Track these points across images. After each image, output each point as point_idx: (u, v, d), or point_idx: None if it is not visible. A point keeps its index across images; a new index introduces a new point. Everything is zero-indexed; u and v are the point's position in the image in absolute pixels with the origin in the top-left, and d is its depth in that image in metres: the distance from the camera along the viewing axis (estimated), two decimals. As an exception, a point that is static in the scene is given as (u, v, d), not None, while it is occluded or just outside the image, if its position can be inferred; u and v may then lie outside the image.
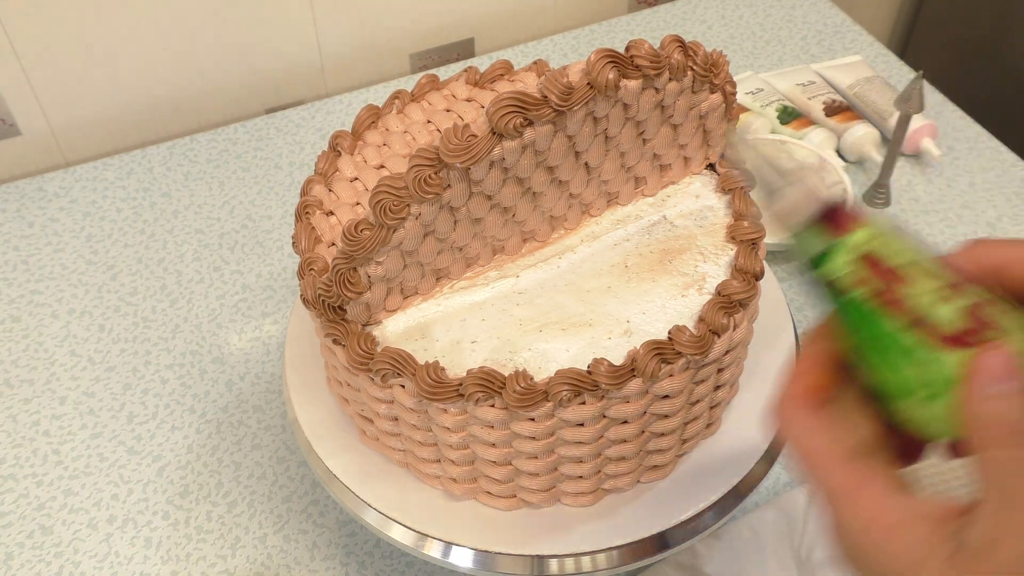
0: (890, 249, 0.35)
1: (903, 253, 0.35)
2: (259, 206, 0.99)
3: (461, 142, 0.52)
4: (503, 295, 0.61)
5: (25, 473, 0.77)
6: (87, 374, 0.84)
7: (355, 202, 0.64)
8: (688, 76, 0.59)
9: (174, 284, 0.92)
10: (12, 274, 0.93)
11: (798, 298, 0.89)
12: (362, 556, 0.72)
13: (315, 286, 0.57)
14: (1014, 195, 0.99)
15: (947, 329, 0.34)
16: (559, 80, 0.53)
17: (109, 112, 1.07)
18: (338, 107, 1.11)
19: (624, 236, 0.64)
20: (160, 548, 0.72)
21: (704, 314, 0.57)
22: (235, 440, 0.79)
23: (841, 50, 1.17)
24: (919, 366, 0.34)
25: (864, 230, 0.36)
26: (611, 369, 0.54)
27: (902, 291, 0.35)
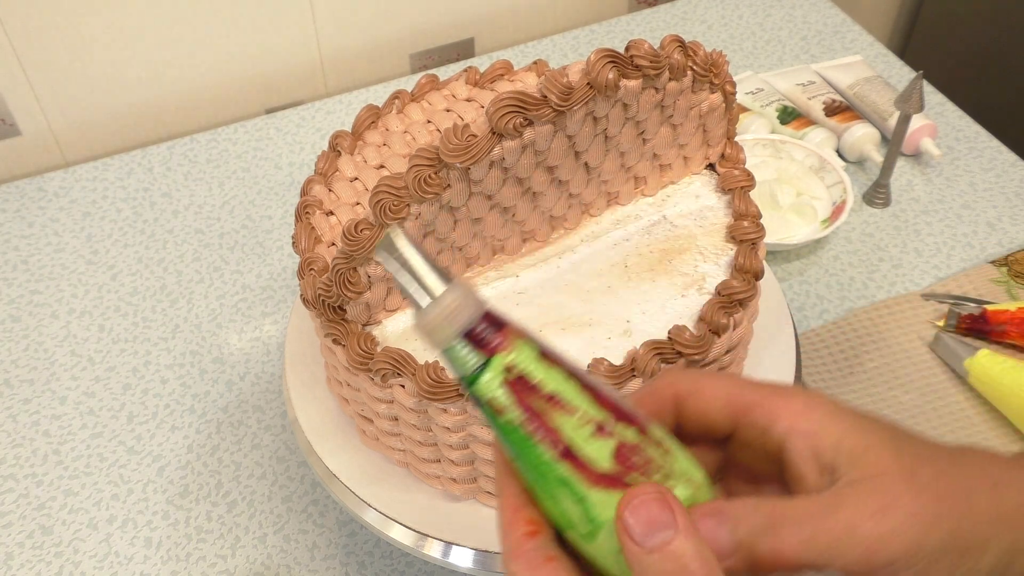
0: (544, 373, 0.33)
1: (557, 378, 0.33)
2: (259, 206, 0.99)
3: (461, 142, 0.52)
4: (503, 295, 0.61)
5: (25, 473, 0.77)
6: (87, 374, 0.84)
7: (355, 202, 0.64)
8: (688, 76, 0.59)
9: (174, 284, 0.92)
10: (12, 274, 0.93)
11: (798, 298, 0.89)
12: (362, 556, 0.72)
13: (315, 286, 0.57)
14: (1014, 195, 0.99)
15: (596, 467, 0.33)
16: (559, 80, 0.53)
17: (109, 112, 1.07)
18: (338, 107, 1.11)
19: (624, 236, 0.64)
20: (160, 548, 0.72)
21: (704, 314, 0.57)
22: (235, 440, 0.79)
23: (841, 50, 1.17)
24: (573, 500, 0.33)
25: (516, 351, 0.33)
26: (611, 369, 0.54)
27: (555, 419, 0.33)
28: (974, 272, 0.90)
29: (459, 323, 0.33)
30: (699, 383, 0.38)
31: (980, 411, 0.78)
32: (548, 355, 0.34)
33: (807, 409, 0.35)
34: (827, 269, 0.92)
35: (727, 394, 0.37)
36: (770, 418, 0.36)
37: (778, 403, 0.36)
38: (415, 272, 0.33)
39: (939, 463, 0.34)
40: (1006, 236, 0.94)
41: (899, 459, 0.34)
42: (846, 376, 0.81)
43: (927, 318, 0.86)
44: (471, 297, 0.33)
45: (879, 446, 0.34)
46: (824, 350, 0.83)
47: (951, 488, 0.34)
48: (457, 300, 0.32)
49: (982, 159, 1.03)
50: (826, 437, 0.35)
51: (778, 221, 0.92)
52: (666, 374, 0.39)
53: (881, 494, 0.33)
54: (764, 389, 0.37)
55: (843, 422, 0.35)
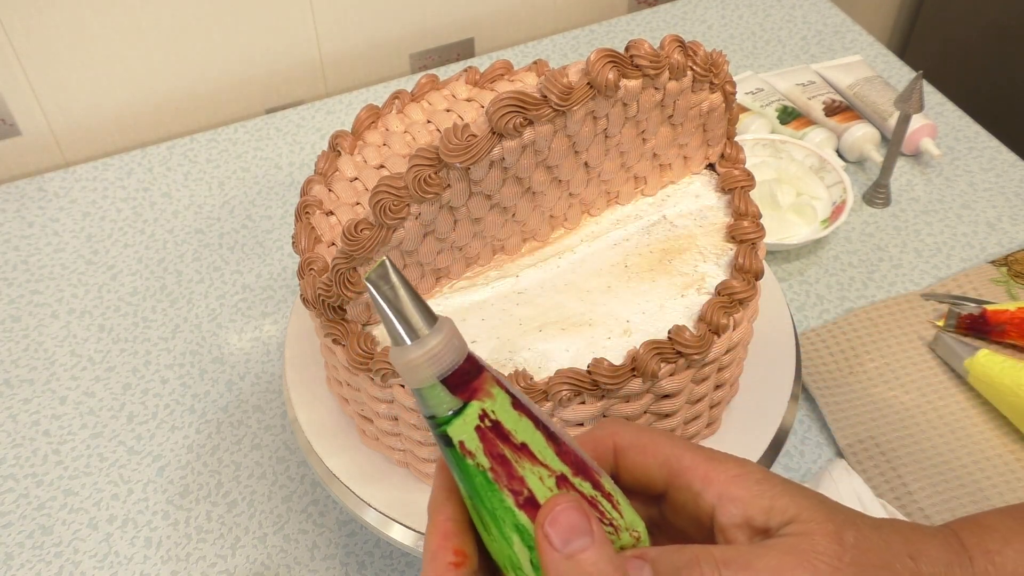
0: (516, 423, 0.34)
1: (527, 429, 0.34)
2: (259, 206, 0.99)
3: (461, 142, 0.52)
4: (503, 295, 0.61)
5: (25, 473, 0.77)
6: (87, 374, 0.84)
7: (355, 202, 0.64)
8: (688, 76, 0.59)
9: (174, 284, 0.92)
10: (12, 274, 0.93)
11: (798, 298, 0.89)
12: (362, 556, 0.72)
13: (315, 286, 0.57)
14: (1014, 195, 0.99)
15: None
16: (559, 80, 0.53)
17: (109, 112, 1.07)
18: (338, 107, 1.11)
19: (624, 236, 0.64)
20: (160, 548, 0.72)
21: (704, 314, 0.57)
22: (235, 440, 0.79)
23: (841, 50, 1.17)
24: (525, 546, 0.34)
25: (492, 399, 0.34)
26: (611, 369, 0.54)
27: (522, 469, 0.34)
28: (974, 272, 0.90)
29: (441, 366, 0.33)
30: (640, 438, 0.39)
31: (980, 411, 0.79)
32: (519, 404, 0.34)
33: (740, 476, 0.37)
34: (827, 269, 0.92)
35: (665, 454, 0.38)
36: (703, 483, 0.37)
37: (712, 468, 0.37)
38: (402, 308, 0.33)
39: (863, 529, 0.36)
40: (1006, 236, 0.94)
41: (829, 520, 0.35)
42: (846, 376, 0.81)
43: (927, 318, 0.86)
44: (455, 340, 0.33)
45: (810, 509, 0.36)
46: (824, 350, 0.83)
47: (873, 553, 0.35)
48: (442, 343, 0.33)
49: (982, 159, 1.03)
50: (758, 502, 0.36)
51: (778, 221, 0.92)
52: (607, 424, 0.40)
53: (808, 548, 0.34)
54: (700, 454, 0.38)
55: (774, 488, 0.36)
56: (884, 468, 0.74)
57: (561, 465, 0.34)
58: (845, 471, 0.72)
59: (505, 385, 0.34)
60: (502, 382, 0.34)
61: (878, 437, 0.76)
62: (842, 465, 0.72)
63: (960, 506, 0.72)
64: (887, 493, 0.73)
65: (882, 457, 0.75)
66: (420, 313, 0.33)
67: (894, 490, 0.73)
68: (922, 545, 0.37)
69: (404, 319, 0.33)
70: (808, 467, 0.76)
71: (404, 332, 0.33)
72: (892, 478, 0.74)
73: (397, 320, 0.33)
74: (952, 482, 0.73)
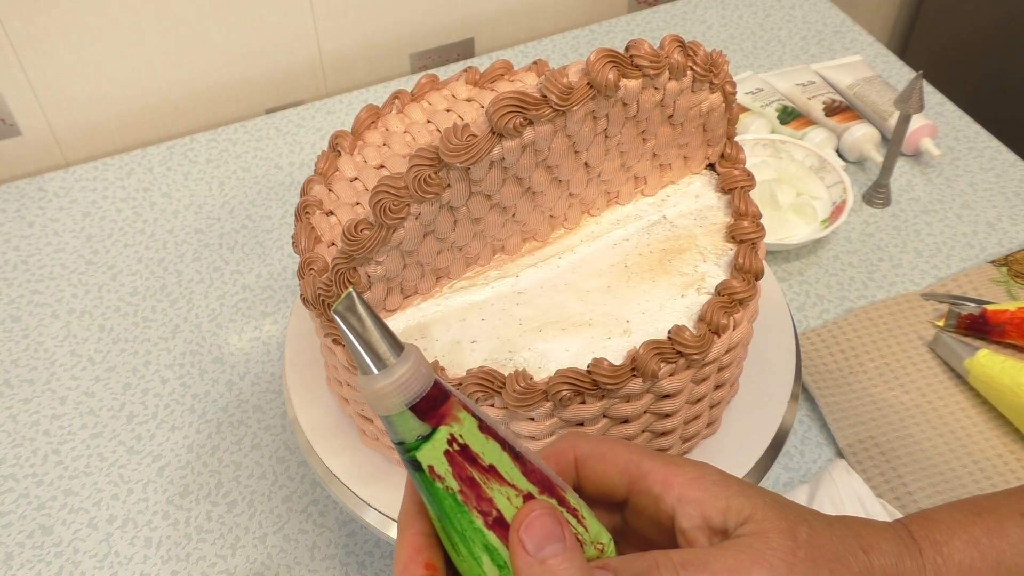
0: (483, 445, 0.35)
1: (494, 451, 0.35)
2: (259, 206, 1.00)
3: (461, 142, 0.52)
4: (503, 295, 0.61)
5: (25, 473, 0.77)
6: (87, 374, 0.84)
7: (355, 202, 0.64)
8: (688, 76, 0.59)
9: (174, 284, 0.92)
10: (12, 274, 0.93)
11: (798, 298, 0.89)
12: (362, 556, 0.72)
13: (315, 286, 0.57)
14: (1014, 195, 0.99)
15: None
16: (559, 80, 0.53)
17: (109, 112, 1.07)
18: (338, 107, 1.11)
19: (624, 236, 0.64)
20: (160, 548, 0.72)
21: (704, 314, 0.57)
22: (235, 440, 0.79)
23: (841, 50, 1.17)
24: (494, 565, 0.35)
25: (460, 423, 0.34)
26: (611, 369, 0.54)
27: (490, 490, 0.35)
28: (974, 272, 0.90)
29: (409, 394, 0.34)
30: (599, 448, 0.40)
31: (980, 411, 0.79)
32: (486, 427, 0.35)
33: (697, 478, 0.38)
34: (827, 269, 0.92)
35: (624, 461, 0.39)
36: (663, 486, 0.38)
37: (671, 472, 0.38)
38: (369, 339, 0.33)
39: (816, 525, 0.37)
40: (1006, 236, 0.94)
41: (782, 518, 0.37)
42: (846, 376, 0.81)
43: (927, 318, 0.86)
44: (421, 368, 0.34)
45: (764, 507, 0.37)
46: (824, 350, 0.83)
47: (825, 547, 0.37)
48: (409, 372, 0.33)
49: (982, 159, 1.03)
50: (715, 503, 0.37)
51: (778, 221, 0.92)
52: (567, 437, 0.41)
53: (763, 547, 0.36)
54: (659, 459, 0.39)
55: (729, 488, 0.38)
56: (884, 468, 0.74)
57: (527, 484, 0.35)
58: (845, 471, 0.72)
59: (471, 408, 0.35)
60: (468, 405, 0.35)
61: (878, 437, 0.76)
62: (842, 465, 0.72)
63: (960, 506, 0.72)
64: (887, 493, 0.73)
65: (882, 457, 0.75)
66: (387, 343, 0.33)
67: (894, 490, 0.73)
68: (873, 539, 0.38)
69: (371, 349, 0.33)
70: (808, 467, 0.76)
71: (371, 362, 0.33)
72: (892, 478, 0.74)
73: (364, 351, 0.33)
74: (952, 482, 0.73)
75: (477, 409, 0.36)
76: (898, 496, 0.73)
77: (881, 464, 0.75)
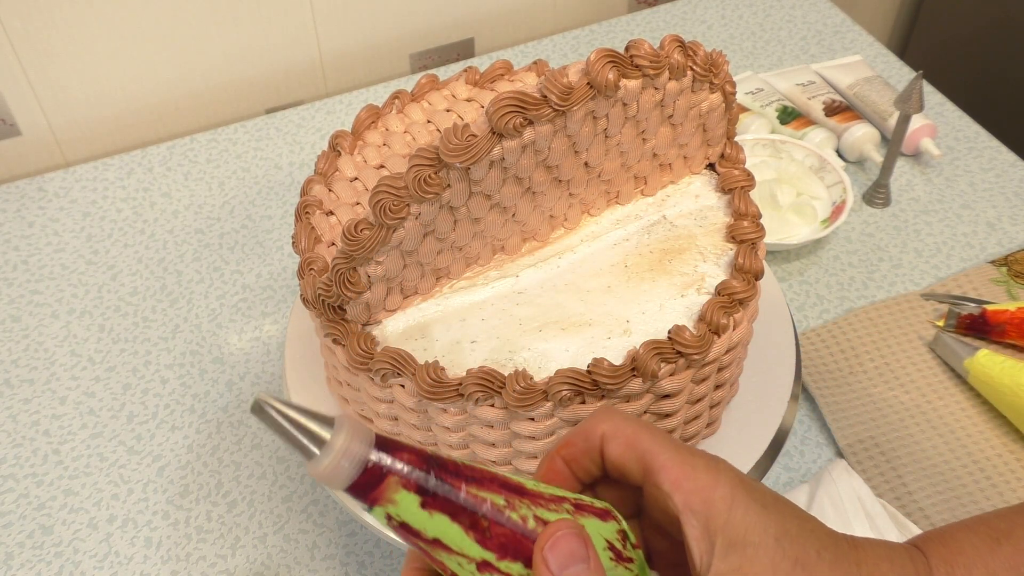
0: (424, 522, 0.35)
1: (439, 525, 0.35)
2: (259, 206, 1.00)
3: (461, 142, 0.52)
4: (503, 295, 0.61)
5: (25, 473, 0.77)
6: (87, 374, 0.84)
7: (355, 202, 0.64)
8: (688, 76, 0.59)
9: (174, 284, 0.92)
10: (12, 274, 0.93)
11: (798, 298, 0.89)
12: (362, 556, 0.72)
13: (315, 286, 0.57)
14: (1014, 195, 0.99)
15: None
16: (559, 80, 0.53)
17: (109, 112, 1.07)
18: (338, 107, 1.11)
19: (624, 236, 0.64)
20: (160, 548, 0.72)
21: (704, 314, 0.57)
22: (235, 440, 0.79)
23: (841, 50, 1.17)
24: None
25: (393, 504, 0.35)
26: (611, 369, 0.54)
27: (440, 557, 0.36)
28: (974, 272, 0.90)
29: (338, 483, 0.34)
30: (623, 429, 0.39)
31: (980, 411, 0.79)
32: (432, 501, 0.35)
33: (708, 487, 0.37)
34: (827, 269, 0.92)
35: (643, 449, 0.38)
36: (672, 487, 0.37)
37: (683, 474, 0.37)
38: (291, 436, 0.34)
39: (816, 570, 0.36)
40: (1006, 236, 0.94)
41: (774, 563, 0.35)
42: (846, 376, 0.81)
43: (927, 318, 0.86)
44: (343, 462, 0.34)
45: (758, 546, 0.36)
46: (824, 350, 0.83)
47: None
48: (330, 466, 0.34)
49: (982, 159, 1.03)
50: (715, 520, 0.36)
51: (778, 221, 0.92)
52: (598, 413, 0.40)
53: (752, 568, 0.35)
54: (677, 456, 0.38)
55: (735, 511, 0.36)
56: (884, 468, 0.74)
57: (482, 552, 0.35)
58: (845, 471, 0.72)
59: (417, 482, 0.35)
60: (412, 479, 0.35)
61: (878, 437, 0.76)
62: (842, 465, 0.72)
63: (960, 505, 0.72)
64: (887, 493, 0.73)
65: (882, 457, 0.75)
66: (305, 439, 0.34)
67: (894, 490, 0.73)
68: (880, 570, 0.37)
69: (295, 446, 0.34)
70: (808, 467, 0.76)
71: (304, 452, 0.34)
72: (892, 478, 0.74)
73: (292, 443, 0.34)
74: (952, 482, 0.73)
75: (426, 478, 0.35)
76: (898, 496, 0.73)
77: (881, 464, 0.75)
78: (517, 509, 0.36)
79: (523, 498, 0.36)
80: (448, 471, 0.36)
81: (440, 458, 0.36)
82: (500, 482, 0.36)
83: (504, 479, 0.36)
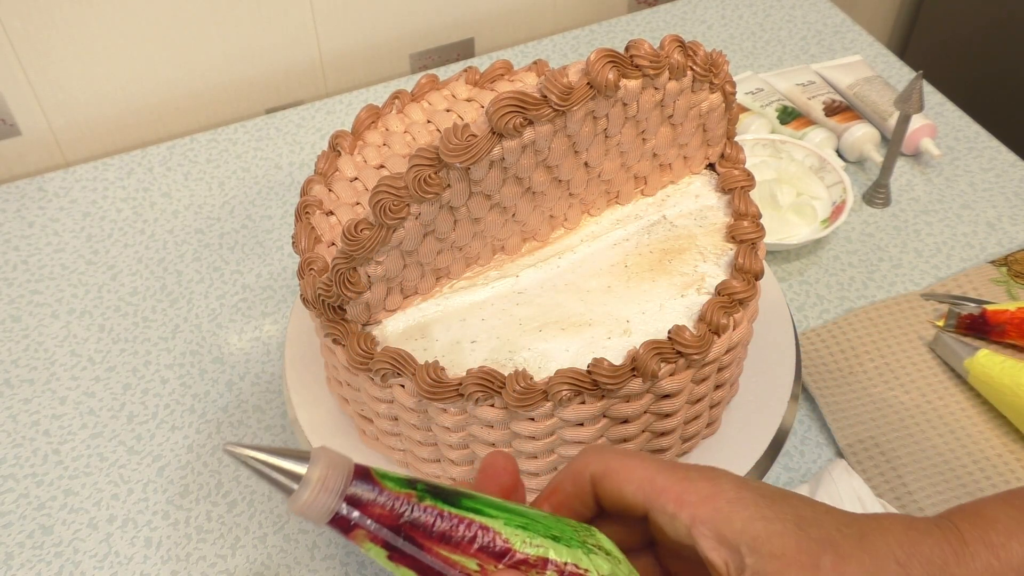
0: (392, 569, 0.35)
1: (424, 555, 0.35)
2: (259, 206, 1.00)
3: (461, 142, 0.52)
4: (503, 295, 0.61)
5: (25, 473, 0.77)
6: (87, 374, 0.84)
7: (355, 202, 0.64)
8: (688, 76, 0.59)
9: (174, 284, 0.92)
10: (12, 274, 0.93)
11: (798, 298, 0.89)
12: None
13: (315, 286, 0.57)
14: (1014, 195, 0.99)
15: None
16: (559, 80, 0.53)
17: (109, 112, 1.07)
18: (338, 107, 1.11)
19: (624, 236, 0.64)
20: (160, 548, 0.72)
21: (704, 314, 0.57)
22: (235, 440, 0.79)
23: (841, 50, 1.17)
24: None
25: (364, 549, 0.35)
26: (611, 369, 0.54)
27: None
28: (974, 272, 0.90)
29: (318, 518, 0.34)
30: (613, 464, 0.39)
31: (980, 411, 0.79)
32: (399, 558, 0.35)
33: (711, 497, 0.36)
34: (827, 269, 0.92)
35: (639, 477, 0.38)
36: (677, 505, 0.37)
37: (684, 490, 0.37)
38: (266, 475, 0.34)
39: (843, 548, 0.35)
40: (1006, 236, 0.94)
41: (802, 546, 0.35)
42: (846, 376, 0.81)
43: (927, 318, 0.86)
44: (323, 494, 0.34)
45: (783, 536, 0.35)
46: (824, 350, 0.83)
47: (853, 573, 0.34)
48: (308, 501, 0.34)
49: (982, 159, 1.03)
50: (729, 525, 0.35)
51: (778, 221, 0.92)
52: (583, 454, 0.40)
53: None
54: (674, 475, 0.37)
55: (745, 509, 0.36)
56: (884, 468, 0.74)
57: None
58: (845, 471, 0.72)
59: (383, 538, 0.35)
60: (378, 536, 0.35)
61: (878, 437, 0.76)
62: (842, 465, 0.72)
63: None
64: (887, 493, 0.73)
65: (882, 457, 0.75)
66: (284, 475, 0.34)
67: (894, 490, 0.73)
68: (914, 547, 0.36)
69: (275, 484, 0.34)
70: (808, 467, 0.76)
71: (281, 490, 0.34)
72: (892, 478, 0.74)
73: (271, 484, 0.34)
74: (952, 482, 0.73)
75: (392, 533, 0.35)
76: (898, 496, 0.73)
77: (881, 464, 0.75)
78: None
79: (502, 563, 0.35)
80: (421, 526, 0.35)
81: (419, 507, 0.35)
82: (481, 540, 0.35)
83: (490, 535, 0.35)
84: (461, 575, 0.35)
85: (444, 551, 0.35)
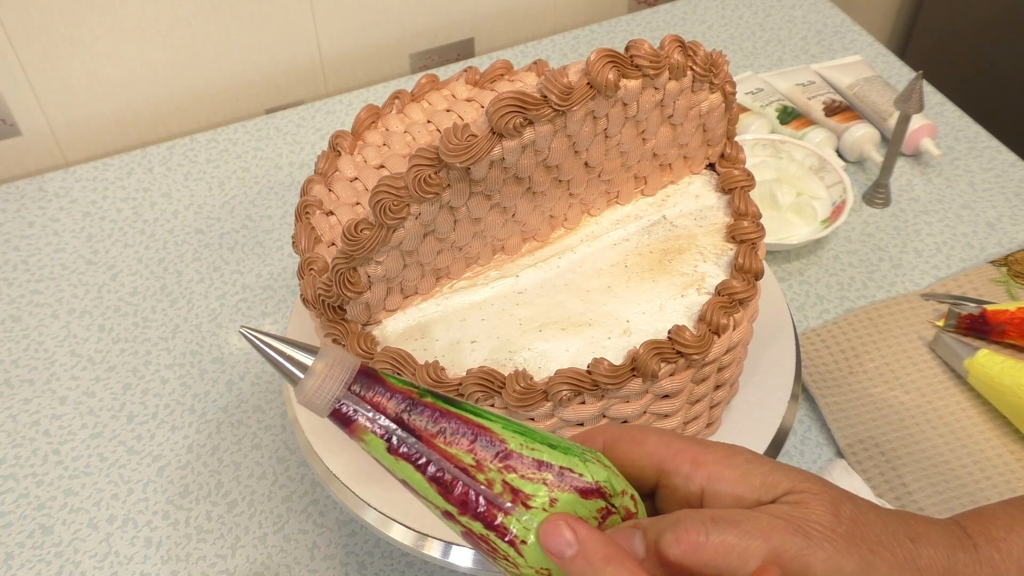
0: (390, 464, 0.37)
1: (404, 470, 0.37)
2: (259, 206, 1.00)
3: (461, 142, 0.52)
4: (503, 295, 0.61)
5: (25, 473, 0.77)
6: (87, 374, 0.84)
7: (355, 202, 0.64)
8: (688, 76, 0.59)
9: (174, 284, 0.92)
10: (12, 274, 0.93)
11: (798, 298, 0.89)
12: (362, 556, 0.72)
13: (315, 286, 0.57)
14: (1014, 195, 0.99)
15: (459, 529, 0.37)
16: (559, 80, 0.53)
17: (109, 112, 1.07)
18: (338, 107, 1.11)
19: (624, 236, 0.64)
20: (160, 548, 0.72)
21: (704, 314, 0.57)
22: (235, 440, 0.79)
23: (841, 50, 1.17)
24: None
25: (364, 443, 0.37)
26: (611, 369, 0.54)
27: (410, 491, 0.38)
28: (974, 272, 0.90)
29: (320, 409, 0.36)
30: (629, 431, 0.39)
31: (980, 411, 0.79)
32: (397, 450, 0.36)
33: (729, 456, 0.37)
34: (827, 269, 0.92)
35: (655, 441, 0.39)
36: (693, 464, 0.37)
37: (701, 451, 0.38)
38: (275, 362, 0.36)
39: (862, 506, 0.36)
40: (1006, 236, 0.94)
41: (826, 491, 0.36)
42: (846, 376, 0.81)
43: (927, 318, 0.86)
44: (315, 400, 0.36)
45: (806, 480, 0.36)
46: (824, 350, 0.83)
47: (869, 528, 0.36)
48: (312, 388, 0.35)
49: (982, 159, 1.03)
50: (748, 480, 0.36)
51: (778, 221, 0.92)
52: (601, 424, 0.41)
53: (802, 516, 0.35)
54: (689, 440, 0.38)
55: (763, 466, 0.37)
56: (884, 468, 0.74)
57: (445, 504, 0.36)
58: (845, 471, 0.72)
59: (383, 429, 0.36)
60: (378, 427, 0.36)
61: (878, 437, 0.76)
62: (842, 465, 0.72)
63: (960, 506, 0.72)
64: (887, 493, 0.73)
65: (882, 457, 0.75)
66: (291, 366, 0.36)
67: (894, 490, 0.73)
68: (923, 529, 0.37)
69: (280, 371, 0.36)
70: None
71: (288, 377, 0.36)
72: (892, 478, 0.74)
73: (279, 370, 0.36)
74: (952, 482, 0.73)
75: (395, 427, 0.36)
76: (898, 496, 0.73)
77: (881, 464, 0.75)
78: (486, 472, 0.36)
79: (497, 460, 0.36)
80: (421, 421, 0.36)
81: (420, 403, 0.36)
82: (479, 439, 0.36)
83: (488, 435, 0.37)
84: (457, 469, 0.36)
85: (442, 444, 0.36)
